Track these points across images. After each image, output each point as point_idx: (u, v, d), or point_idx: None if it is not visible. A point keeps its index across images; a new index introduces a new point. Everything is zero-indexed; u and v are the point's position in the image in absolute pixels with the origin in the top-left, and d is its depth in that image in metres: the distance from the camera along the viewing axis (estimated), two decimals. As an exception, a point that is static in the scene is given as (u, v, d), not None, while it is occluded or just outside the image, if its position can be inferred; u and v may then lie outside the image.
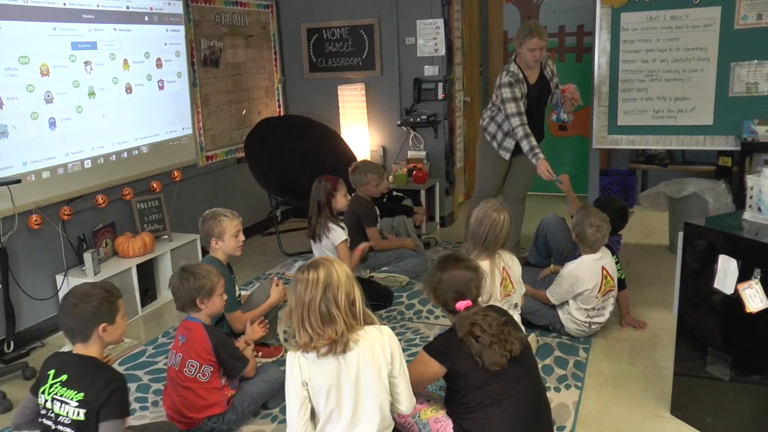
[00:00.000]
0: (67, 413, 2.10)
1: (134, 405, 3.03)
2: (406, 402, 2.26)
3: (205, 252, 4.64)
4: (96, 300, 2.17)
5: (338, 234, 3.85)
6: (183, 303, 2.76)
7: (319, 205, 3.89)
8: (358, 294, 2.18)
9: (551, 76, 4.28)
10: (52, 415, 2.13)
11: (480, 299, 2.49)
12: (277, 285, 3.37)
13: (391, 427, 2.28)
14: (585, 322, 3.42)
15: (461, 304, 2.37)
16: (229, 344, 2.80)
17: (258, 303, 3.36)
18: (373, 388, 2.17)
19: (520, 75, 4.14)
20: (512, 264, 3.18)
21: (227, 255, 3.30)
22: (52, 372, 2.18)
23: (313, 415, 2.24)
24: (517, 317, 3.18)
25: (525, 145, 4.08)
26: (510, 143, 4.27)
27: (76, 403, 2.09)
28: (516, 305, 3.20)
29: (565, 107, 4.23)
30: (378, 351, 2.16)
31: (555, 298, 3.45)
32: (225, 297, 2.86)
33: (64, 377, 2.14)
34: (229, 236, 3.25)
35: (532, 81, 4.19)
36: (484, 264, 3.05)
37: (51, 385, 2.15)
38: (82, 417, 2.08)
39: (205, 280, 2.74)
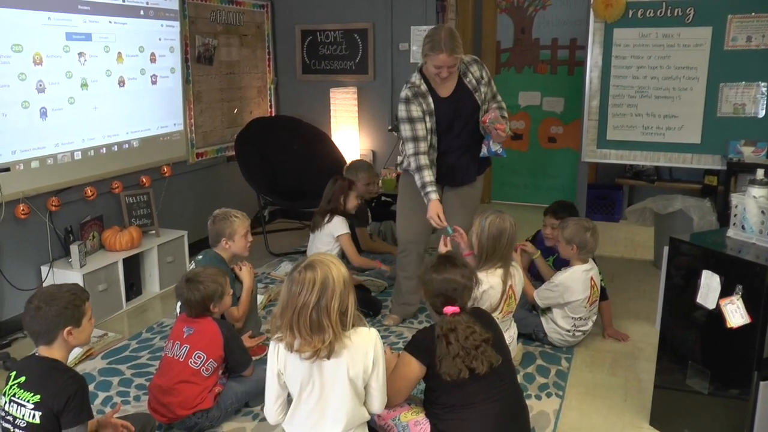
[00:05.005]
0: (23, 416, 2.05)
1: (116, 399, 3.02)
2: (378, 403, 2.27)
3: (195, 249, 4.65)
4: (61, 303, 2.11)
5: (340, 226, 3.99)
6: (197, 311, 2.79)
7: (331, 200, 4.03)
8: (351, 301, 2.14)
9: (476, 86, 3.45)
10: (10, 417, 2.09)
11: (469, 304, 2.52)
12: (240, 269, 3.33)
13: (361, 422, 2.28)
14: (569, 331, 3.44)
15: (449, 309, 2.39)
16: (238, 338, 2.87)
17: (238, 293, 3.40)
18: (343, 392, 2.17)
19: (423, 87, 3.40)
20: (518, 282, 3.16)
21: (233, 254, 3.31)
22: (13, 374, 2.14)
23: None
24: (514, 331, 3.21)
25: (417, 180, 3.41)
26: (425, 199, 3.42)
27: (32, 406, 2.04)
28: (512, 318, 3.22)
29: (493, 138, 3.45)
30: (359, 359, 2.16)
31: (542, 302, 3.44)
32: (231, 292, 2.94)
33: (22, 379, 2.10)
34: (239, 236, 3.28)
35: (444, 94, 3.43)
36: (495, 279, 3.04)
37: (10, 387, 2.11)
38: (37, 420, 2.03)
39: (214, 285, 2.79)
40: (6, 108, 3.55)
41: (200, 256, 3.33)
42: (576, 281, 3.39)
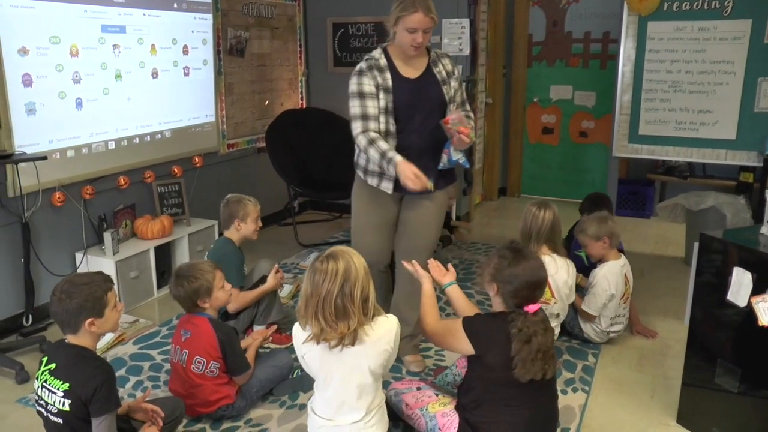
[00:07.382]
0: (54, 402, 2.10)
1: (146, 383, 3.09)
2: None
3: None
4: (81, 296, 2.11)
5: None
6: (187, 306, 2.78)
7: None
8: (372, 289, 2.17)
9: (445, 78, 3.00)
10: (43, 402, 2.14)
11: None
12: (276, 272, 3.42)
13: (380, 402, 2.31)
14: (605, 331, 3.42)
15: (532, 308, 2.27)
16: (235, 342, 2.77)
17: (253, 280, 3.51)
18: (363, 380, 2.20)
19: (382, 61, 2.94)
20: (557, 271, 3.13)
21: (243, 238, 3.43)
22: (45, 359, 2.19)
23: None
24: (557, 329, 3.21)
25: (374, 155, 2.85)
26: (392, 169, 2.84)
27: (62, 393, 2.08)
28: (558, 315, 3.21)
29: (454, 144, 2.91)
30: (380, 352, 2.19)
31: (593, 309, 3.36)
32: (229, 287, 2.86)
33: (52, 366, 2.13)
34: (251, 220, 3.41)
35: (409, 75, 2.96)
36: None
37: (42, 372, 2.15)
38: (67, 408, 2.08)
39: (199, 281, 2.72)
40: (44, 98, 3.63)
41: (212, 245, 3.57)
42: (615, 274, 3.36)
